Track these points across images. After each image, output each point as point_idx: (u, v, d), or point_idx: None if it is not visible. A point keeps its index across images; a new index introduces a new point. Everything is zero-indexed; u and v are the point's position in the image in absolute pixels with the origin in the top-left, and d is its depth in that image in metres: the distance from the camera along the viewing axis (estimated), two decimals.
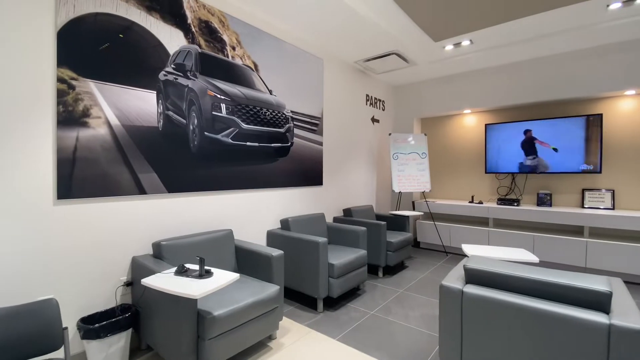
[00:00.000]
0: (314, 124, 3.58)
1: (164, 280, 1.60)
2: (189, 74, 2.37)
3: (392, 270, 3.82)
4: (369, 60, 4.06)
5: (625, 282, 3.42)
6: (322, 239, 2.57)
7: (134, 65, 2.09)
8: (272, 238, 2.94)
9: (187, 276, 1.65)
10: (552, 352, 1.31)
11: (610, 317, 1.23)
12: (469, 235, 4.37)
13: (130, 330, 1.91)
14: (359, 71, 4.43)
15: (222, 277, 1.62)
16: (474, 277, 1.56)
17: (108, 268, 2.00)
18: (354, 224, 3.70)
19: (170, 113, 2.27)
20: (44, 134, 1.74)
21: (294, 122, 3.28)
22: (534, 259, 2.12)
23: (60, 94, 1.79)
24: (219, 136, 2.53)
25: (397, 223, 4.13)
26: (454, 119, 5.04)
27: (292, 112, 3.25)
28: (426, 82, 4.98)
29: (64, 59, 1.80)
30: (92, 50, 1.90)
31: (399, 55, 3.88)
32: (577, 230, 3.88)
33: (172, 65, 2.28)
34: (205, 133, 2.45)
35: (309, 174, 3.50)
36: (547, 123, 3.98)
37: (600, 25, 3.12)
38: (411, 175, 4.62)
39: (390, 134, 4.62)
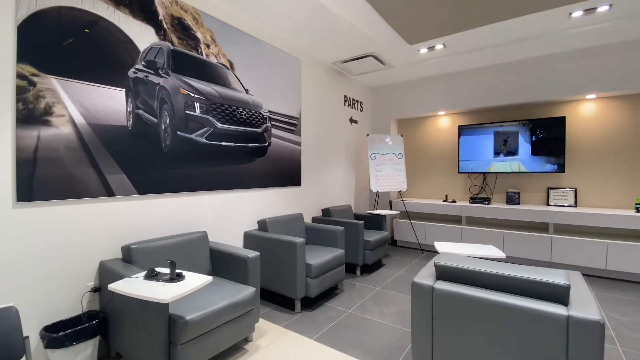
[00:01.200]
0: (292, 124, 3.58)
1: (133, 285, 1.55)
2: (160, 72, 2.31)
3: (369, 268, 3.87)
4: (346, 61, 4.09)
5: (587, 275, 3.64)
6: (299, 240, 2.57)
7: (101, 61, 2.01)
8: (249, 239, 2.91)
9: (158, 280, 1.60)
10: (516, 343, 1.37)
11: (568, 309, 1.31)
12: (443, 232, 4.51)
13: (98, 338, 1.83)
14: (337, 72, 4.46)
15: (194, 281, 1.59)
16: (443, 273, 1.61)
17: (74, 274, 1.90)
18: (333, 223, 3.72)
19: (141, 112, 2.19)
20: (2, 133, 1.63)
21: (272, 122, 3.26)
22: (501, 255, 2.22)
23: (20, 91, 1.69)
24: (192, 136, 2.48)
25: (375, 222, 4.19)
26: (429, 120, 5.18)
27: (269, 111, 3.22)
28: (402, 84, 5.08)
29: (24, 54, 1.70)
30: (55, 45, 1.81)
31: (375, 57, 3.94)
32: (543, 227, 4.09)
33: (143, 63, 2.21)
34: (178, 132, 2.39)
35: (287, 174, 3.49)
36: (516, 125, 4.16)
37: (564, 32, 3.30)
38: (388, 175, 4.70)
39: (368, 135, 4.69)
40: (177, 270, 1.67)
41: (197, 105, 2.50)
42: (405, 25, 3.18)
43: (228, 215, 2.84)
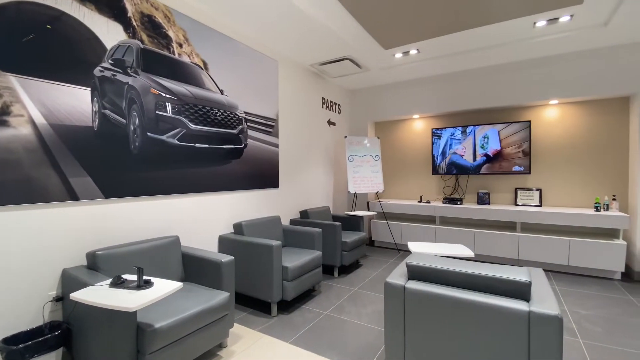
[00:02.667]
0: (269, 126, 3.55)
1: (97, 294, 1.48)
2: (129, 71, 2.22)
3: (347, 269, 3.90)
4: (324, 64, 4.11)
5: (552, 271, 3.84)
6: (275, 242, 2.55)
7: (65, 59, 1.91)
8: (225, 243, 2.86)
9: (124, 288, 1.54)
10: (482, 338, 1.42)
11: (530, 305, 1.37)
12: (418, 232, 4.61)
13: (61, 350, 1.74)
14: (315, 74, 4.48)
15: (164, 287, 1.54)
16: (414, 273, 1.65)
17: (34, 282, 1.79)
18: (311, 225, 3.72)
19: (108, 112, 2.11)
20: None
21: (248, 124, 3.22)
22: (470, 253, 2.30)
23: None
24: (164, 137, 2.41)
25: (352, 223, 4.23)
26: (404, 123, 5.29)
27: (245, 113, 3.18)
28: (379, 87, 5.17)
29: None
30: (13, 41, 1.70)
31: (352, 60, 3.98)
32: (511, 226, 4.27)
33: (110, 61, 2.12)
34: (149, 134, 2.31)
35: (264, 176, 3.46)
36: (486, 128, 4.34)
37: (529, 41, 3.48)
38: (365, 177, 4.77)
39: (345, 137, 4.73)
40: (145, 277, 1.61)
41: (168, 105, 2.43)
42: (381, 30, 3.24)
43: (202, 218, 2.78)
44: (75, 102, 1.95)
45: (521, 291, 1.40)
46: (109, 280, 1.63)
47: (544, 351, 1.30)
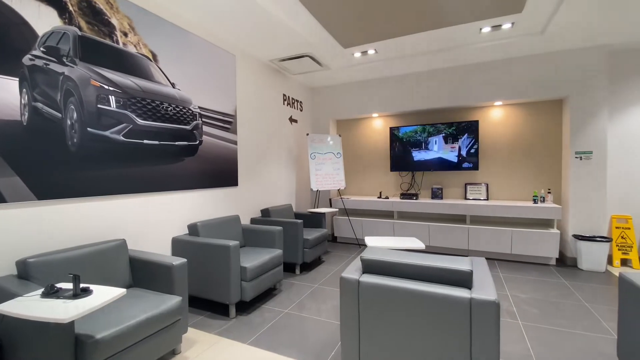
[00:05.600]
0: (227, 122, 3.44)
1: (27, 305, 1.34)
2: (65, 60, 2.03)
3: (309, 266, 3.92)
4: (284, 60, 4.07)
5: (497, 260, 4.15)
6: (233, 242, 2.49)
7: None
8: (178, 245, 2.72)
9: (58, 297, 1.41)
10: (431, 326, 1.50)
11: (471, 292, 1.47)
12: (377, 227, 4.76)
13: None
14: (275, 70, 4.42)
15: (104, 295, 1.43)
16: (368, 267, 1.69)
17: None
18: (272, 224, 3.68)
19: (40, 105, 1.91)
20: None
21: (203, 119, 3.10)
22: (421, 245, 2.42)
23: None
24: (107, 133, 2.23)
25: (315, 220, 4.25)
26: (365, 121, 5.41)
27: (200, 108, 3.05)
28: (340, 85, 5.23)
29: None
30: None
31: (312, 58, 3.98)
32: (462, 219, 4.56)
33: (42, 49, 1.92)
34: (89, 129, 2.13)
35: (222, 174, 3.35)
36: (438, 127, 4.57)
37: (476, 45, 3.71)
38: (328, 174, 4.81)
39: (307, 134, 4.73)
40: (83, 285, 1.49)
41: (112, 98, 2.26)
42: (340, 29, 3.27)
43: (154, 220, 2.63)
44: (0, 93, 1.74)
45: (464, 280, 1.50)
46: (41, 290, 1.49)
47: (484, 333, 1.40)
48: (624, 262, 3.91)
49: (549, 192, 4.13)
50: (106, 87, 2.23)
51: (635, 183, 3.89)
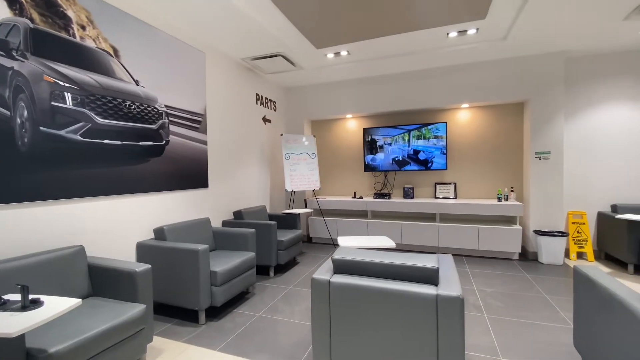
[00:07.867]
0: (196, 121, 3.33)
1: None
2: (14, 54, 1.88)
3: (283, 268, 3.88)
4: (256, 59, 4.00)
5: (465, 256, 4.31)
6: (202, 247, 2.41)
7: None
8: (143, 251, 2.60)
9: (5, 310, 1.29)
10: (400, 323, 1.52)
11: (438, 289, 1.50)
12: (352, 227, 4.80)
13: None
14: (248, 69, 4.34)
15: (56, 306, 1.33)
16: (339, 267, 1.70)
17: None
18: (244, 226, 3.60)
19: None
20: None
21: (170, 118, 2.98)
22: (392, 244, 2.46)
23: None
24: (62, 132, 2.09)
25: (289, 221, 4.22)
26: (339, 122, 5.45)
27: (167, 106, 2.94)
28: (314, 85, 5.23)
29: None
30: None
31: (285, 57, 3.95)
32: (432, 217, 4.70)
33: None
34: (42, 128, 1.98)
35: (191, 175, 3.24)
36: (410, 128, 4.68)
37: (443, 49, 3.83)
38: (302, 175, 4.79)
39: (282, 135, 4.69)
40: (33, 296, 1.38)
41: (68, 95, 2.12)
42: (312, 29, 3.26)
43: (117, 224, 2.49)
44: None
45: (430, 277, 1.53)
46: None
47: (449, 328, 1.44)
48: (580, 255, 4.20)
49: (512, 190, 4.35)
50: (61, 83, 2.08)
51: (589, 181, 4.18)
